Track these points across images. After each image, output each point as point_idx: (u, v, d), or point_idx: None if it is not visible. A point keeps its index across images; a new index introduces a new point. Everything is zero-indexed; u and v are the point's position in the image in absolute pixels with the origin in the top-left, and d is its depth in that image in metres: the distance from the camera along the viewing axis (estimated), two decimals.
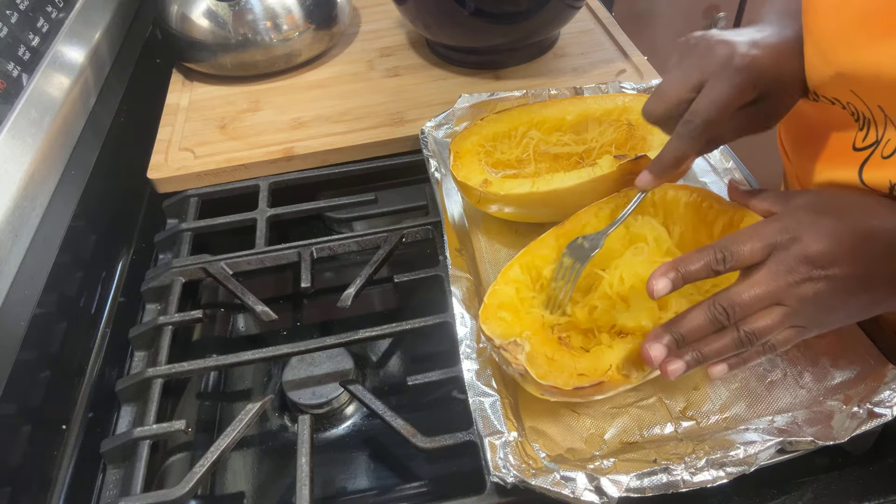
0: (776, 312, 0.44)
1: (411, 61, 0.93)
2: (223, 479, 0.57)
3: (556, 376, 0.48)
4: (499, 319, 0.51)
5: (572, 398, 0.49)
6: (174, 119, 0.86)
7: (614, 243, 0.56)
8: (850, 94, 0.49)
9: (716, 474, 0.44)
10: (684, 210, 0.58)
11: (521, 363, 0.48)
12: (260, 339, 0.70)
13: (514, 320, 0.52)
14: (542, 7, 0.81)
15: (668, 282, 0.45)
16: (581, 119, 0.69)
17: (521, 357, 0.48)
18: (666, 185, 0.58)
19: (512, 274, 0.55)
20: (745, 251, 0.44)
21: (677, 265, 0.45)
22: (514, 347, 0.49)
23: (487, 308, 0.52)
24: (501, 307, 0.52)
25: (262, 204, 0.74)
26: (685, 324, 0.45)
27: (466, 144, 0.67)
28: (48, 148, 0.65)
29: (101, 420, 0.58)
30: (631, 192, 0.58)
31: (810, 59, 0.50)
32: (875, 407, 0.46)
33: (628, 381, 0.48)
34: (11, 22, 0.66)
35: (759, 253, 0.44)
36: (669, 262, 0.45)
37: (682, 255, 0.46)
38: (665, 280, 0.45)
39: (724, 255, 0.44)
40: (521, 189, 0.61)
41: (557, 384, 0.47)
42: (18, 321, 0.55)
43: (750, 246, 0.44)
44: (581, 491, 0.44)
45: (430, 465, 0.57)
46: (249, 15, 0.86)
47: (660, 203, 0.59)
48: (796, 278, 0.43)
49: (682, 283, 0.45)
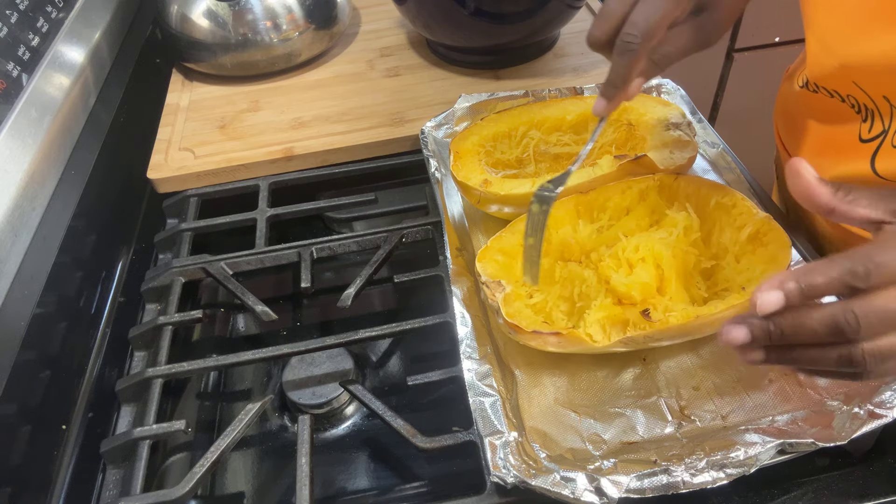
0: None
1: (411, 61, 0.93)
2: (223, 479, 0.57)
3: (521, 318, 0.52)
4: (493, 261, 0.56)
5: (530, 341, 0.52)
6: (174, 119, 0.86)
7: (643, 221, 0.59)
8: (852, 86, 0.49)
9: (716, 475, 0.44)
10: (713, 209, 0.58)
11: (497, 300, 0.53)
12: (260, 339, 0.70)
13: (507, 264, 0.56)
14: (542, 7, 0.81)
15: (782, 296, 0.37)
16: (581, 119, 0.69)
17: (498, 295, 0.53)
18: (699, 181, 0.59)
19: (521, 226, 0.58)
20: (894, 264, 0.36)
21: (799, 276, 0.37)
22: (496, 286, 0.53)
23: (488, 249, 0.57)
24: (501, 251, 0.57)
25: (262, 204, 0.74)
26: (795, 320, 0.38)
27: (466, 144, 0.67)
28: (48, 148, 0.65)
29: (101, 420, 0.58)
30: (666, 177, 0.60)
31: (813, 52, 0.50)
32: (876, 408, 0.46)
33: (591, 342, 0.50)
34: (11, 22, 0.66)
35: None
36: (789, 271, 0.38)
37: (808, 264, 0.39)
38: (777, 294, 0.37)
39: (866, 269, 0.36)
40: (521, 189, 0.61)
41: (520, 324, 0.51)
42: (18, 321, 0.55)
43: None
44: (581, 491, 0.44)
45: (430, 465, 0.57)
46: (249, 15, 0.86)
47: (693, 196, 0.59)
48: None
49: (801, 298, 0.37)
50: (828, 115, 0.54)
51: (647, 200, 0.60)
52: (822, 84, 0.51)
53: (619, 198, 0.60)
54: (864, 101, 0.49)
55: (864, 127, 0.50)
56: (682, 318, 0.49)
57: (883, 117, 0.48)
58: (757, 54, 1.47)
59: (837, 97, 0.51)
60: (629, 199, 0.60)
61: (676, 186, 0.60)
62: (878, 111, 0.48)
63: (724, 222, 0.57)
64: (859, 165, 0.50)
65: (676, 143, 0.64)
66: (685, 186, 0.60)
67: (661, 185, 0.60)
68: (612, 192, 0.60)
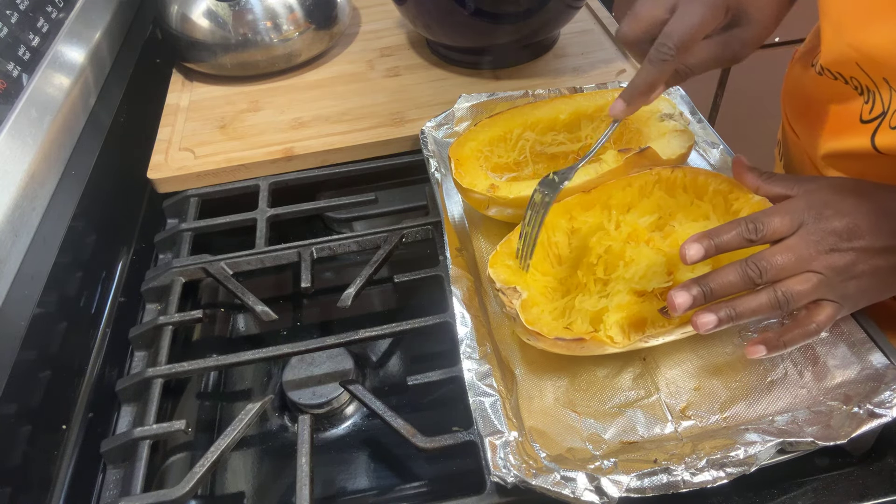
0: (810, 278, 0.46)
1: (411, 61, 0.93)
2: (223, 479, 0.57)
3: (542, 324, 0.51)
4: (505, 266, 0.55)
5: (552, 348, 0.51)
6: (174, 119, 0.86)
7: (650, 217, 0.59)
8: (856, 68, 0.50)
9: (716, 474, 0.44)
10: (712, 196, 0.59)
11: (515, 307, 0.52)
12: (260, 339, 0.70)
13: (518, 268, 0.55)
14: (542, 7, 0.81)
15: (702, 248, 0.47)
16: (574, 118, 0.69)
17: (515, 302, 0.52)
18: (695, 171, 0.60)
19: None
20: (775, 222, 0.47)
21: (710, 234, 0.47)
22: (512, 293, 0.52)
23: (498, 254, 0.56)
24: (511, 255, 0.56)
25: (262, 204, 0.74)
26: (715, 278, 0.47)
27: (465, 151, 0.67)
28: (48, 148, 0.65)
29: (101, 420, 0.58)
30: (663, 171, 0.60)
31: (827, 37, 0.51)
32: (875, 407, 0.46)
33: (612, 343, 0.50)
34: (11, 22, 0.66)
35: (787, 225, 0.47)
36: (703, 231, 0.48)
37: (717, 226, 0.48)
38: (698, 246, 0.47)
39: (755, 226, 0.47)
40: (529, 191, 0.61)
41: (542, 331, 0.50)
42: (18, 321, 0.55)
43: (779, 219, 0.47)
44: (581, 491, 0.44)
45: (430, 465, 0.57)
46: (249, 15, 0.86)
47: (690, 186, 0.60)
48: (825, 247, 0.46)
49: (715, 251, 0.47)
50: (832, 96, 0.56)
51: (651, 197, 0.60)
52: (828, 67, 0.53)
53: (621, 194, 0.60)
54: (866, 83, 0.50)
55: (865, 108, 0.52)
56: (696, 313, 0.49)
57: (883, 100, 0.50)
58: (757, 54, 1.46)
59: (841, 79, 0.52)
60: (630, 196, 0.60)
61: (674, 178, 0.60)
62: (878, 93, 0.50)
63: (723, 208, 0.58)
64: (860, 141, 0.53)
65: (673, 134, 0.64)
66: (682, 177, 0.60)
67: (660, 179, 0.61)
68: (614, 189, 0.60)
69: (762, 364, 0.53)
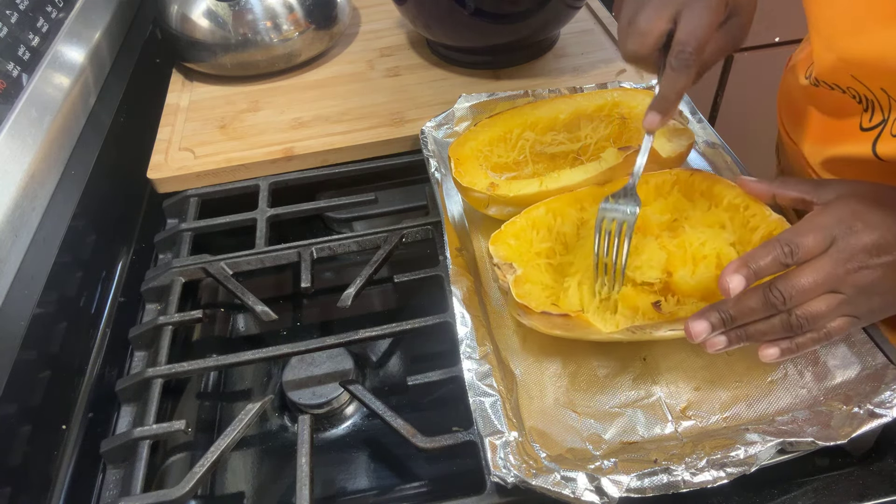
0: (831, 299, 0.45)
1: (411, 61, 0.93)
2: (223, 479, 0.57)
3: (531, 298, 0.53)
4: (506, 244, 0.57)
5: (539, 323, 0.52)
6: (174, 119, 0.86)
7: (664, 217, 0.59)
8: (851, 79, 0.50)
9: (716, 474, 0.44)
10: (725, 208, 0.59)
11: (508, 281, 0.53)
12: (260, 339, 0.70)
13: (519, 248, 0.56)
14: (542, 7, 0.81)
15: (743, 279, 0.45)
16: (573, 117, 0.69)
17: (509, 277, 0.54)
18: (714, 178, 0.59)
19: (536, 213, 0.59)
20: (809, 243, 0.45)
21: (748, 261, 0.46)
22: (507, 268, 0.54)
23: (501, 233, 0.57)
24: (514, 236, 0.58)
25: (262, 204, 0.74)
26: (737, 305, 0.46)
27: (465, 150, 0.67)
28: (48, 148, 0.65)
29: (101, 420, 0.58)
30: (682, 172, 0.60)
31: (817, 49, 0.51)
32: (875, 408, 0.46)
33: (597, 327, 0.51)
34: (11, 22, 0.66)
35: (821, 244, 0.46)
36: (739, 258, 0.46)
37: (750, 251, 0.47)
38: (739, 277, 0.45)
39: (790, 249, 0.45)
40: (529, 189, 0.61)
41: (530, 305, 0.51)
42: (18, 321, 0.55)
43: (812, 237, 0.46)
44: (581, 491, 0.44)
45: (430, 465, 0.57)
46: (249, 15, 0.86)
47: (707, 192, 0.60)
48: (854, 266, 0.45)
49: (754, 278, 0.46)
50: (830, 105, 0.56)
51: (667, 198, 0.60)
52: (823, 79, 0.53)
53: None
54: (864, 92, 0.50)
55: (864, 116, 0.52)
56: (690, 313, 0.49)
57: (882, 108, 0.50)
58: (757, 54, 1.47)
59: (838, 89, 0.52)
60: (644, 193, 0.60)
61: (692, 182, 0.60)
62: (877, 102, 0.50)
63: (735, 222, 0.57)
64: (861, 149, 0.53)
65: (673, 132, 0.65)
66: (700, 183, 0.60)
67: (678, 180, 0.61)
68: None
69: (762, 364, 0.53)
